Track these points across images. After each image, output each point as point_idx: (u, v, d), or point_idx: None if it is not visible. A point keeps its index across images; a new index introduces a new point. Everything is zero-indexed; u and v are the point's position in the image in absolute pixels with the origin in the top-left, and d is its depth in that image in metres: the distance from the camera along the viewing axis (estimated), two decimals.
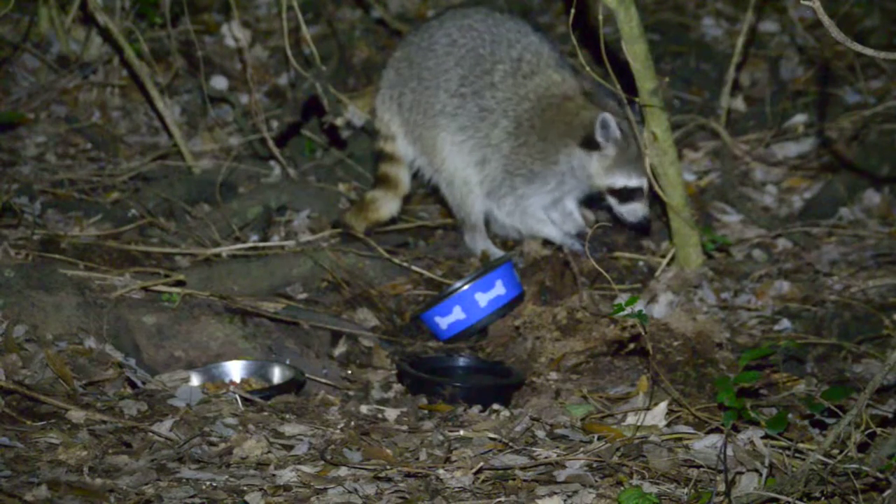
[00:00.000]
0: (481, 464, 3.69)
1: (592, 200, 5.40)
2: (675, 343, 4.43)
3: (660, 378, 4.19)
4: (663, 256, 5.14)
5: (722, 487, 3.49)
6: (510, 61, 5.31)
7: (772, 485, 3.51)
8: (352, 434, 3.91)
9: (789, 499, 3.39)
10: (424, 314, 4.89)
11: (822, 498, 3.47)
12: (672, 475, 3.65)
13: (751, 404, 3.92)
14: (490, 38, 5.34)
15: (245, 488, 3.56)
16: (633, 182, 5.15)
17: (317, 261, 5.11)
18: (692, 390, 4.29)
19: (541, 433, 3.98)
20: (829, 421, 4.00)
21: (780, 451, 3.74)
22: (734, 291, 5.04)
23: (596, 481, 3.62)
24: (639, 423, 3.99)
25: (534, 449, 3.83)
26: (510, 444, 3.86)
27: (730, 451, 3.62)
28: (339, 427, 4.00)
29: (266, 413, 4.07)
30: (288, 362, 4.56)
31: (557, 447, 3.85)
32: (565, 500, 3.53)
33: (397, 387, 4.53)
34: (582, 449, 3.81)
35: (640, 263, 5.29)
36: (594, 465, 3.70)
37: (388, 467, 3.69)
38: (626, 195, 5.18)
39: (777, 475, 3.60)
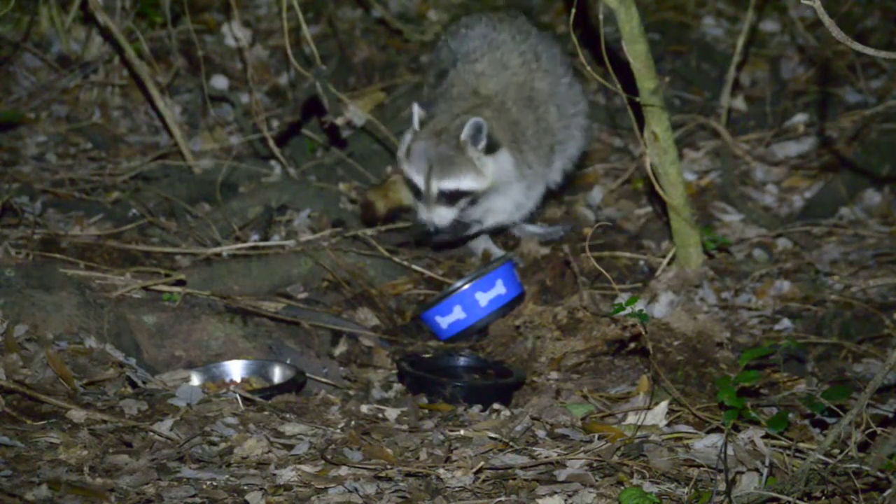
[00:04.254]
0: (482, 463, 3.69)
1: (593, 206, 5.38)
2: (676, 343, 4.43)
3: (660, 377, 4.19)
4: (664, 256, 5.13)
5: (722, 487, 3.49)
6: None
7: (772, 484, 3.51)
8: (352, 433, 3.91)
9: (790, 498, 3.39)
10: (425, 314, 4.89)
11: (823, 497, 3.47)
12: (672, 475, 3.65)
13: (751, 404, 3.91)
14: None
15: (245, 488, 3.56)
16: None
17: (317, 260, 5.11)
18: (693, 390, 4.29)
19: (541, 433, 3.98)
20: (830, 420, 3.99)
21: (781, 450, 3.74)
22: (735, 291, 5.04)
23: (596, 481, 3.62)
24: (639, 423, 3.99)
25: (534, 448, 3.83)
26: (511, 443, 3.86)
27: (730, 451, 3.62)
28: (339, 426, 4.00)
29: (266, 412, 4.07)
30: (288, 362, 4.56)
31: (558, 447, 3.85)
32: (566, 500, 3.53)
33: (398, 386, 4.53)
34: (582, 448, 3.81)
35: (641, 263, 5.29)
36: (594, 464, 3.70)
37: (389, 467, 3.69)
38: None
39: (777, 475, 3.60)
